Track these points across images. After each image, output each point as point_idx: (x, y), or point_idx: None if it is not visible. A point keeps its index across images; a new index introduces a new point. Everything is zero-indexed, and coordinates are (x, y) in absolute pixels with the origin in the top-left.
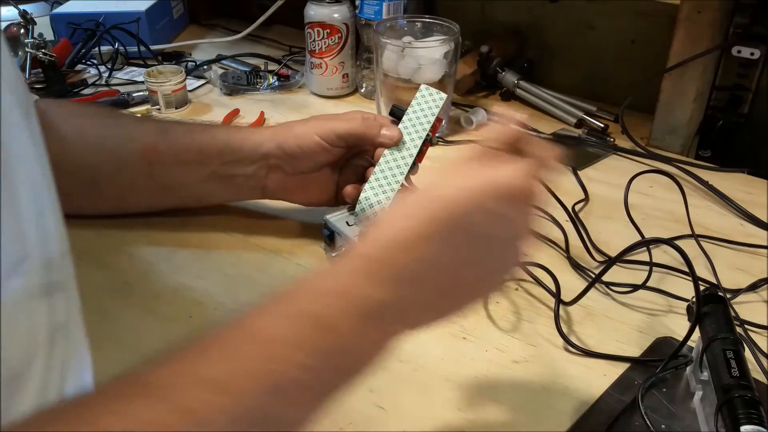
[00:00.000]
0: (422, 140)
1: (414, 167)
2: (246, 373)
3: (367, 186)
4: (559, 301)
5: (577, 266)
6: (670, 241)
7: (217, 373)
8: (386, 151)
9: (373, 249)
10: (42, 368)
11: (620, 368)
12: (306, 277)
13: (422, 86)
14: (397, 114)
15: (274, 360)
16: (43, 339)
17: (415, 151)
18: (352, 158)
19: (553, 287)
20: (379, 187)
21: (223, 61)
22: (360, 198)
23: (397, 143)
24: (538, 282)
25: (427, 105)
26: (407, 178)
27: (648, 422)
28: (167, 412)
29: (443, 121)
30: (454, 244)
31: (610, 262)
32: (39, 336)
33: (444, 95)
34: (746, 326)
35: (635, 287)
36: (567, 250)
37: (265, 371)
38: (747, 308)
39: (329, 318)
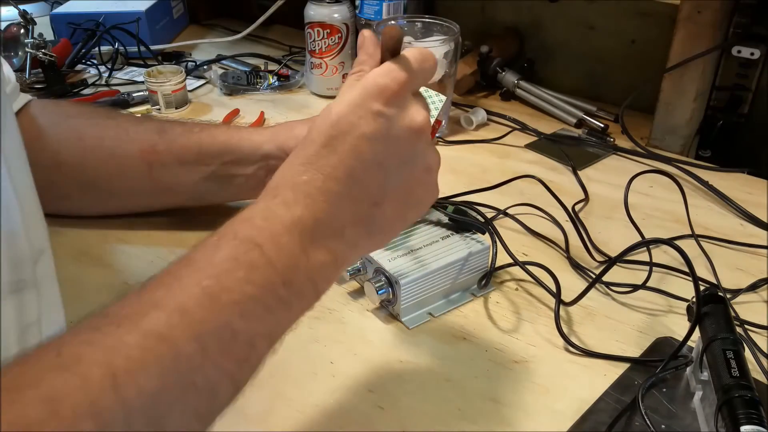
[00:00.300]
0: None
1: None
2: (202, 294)
3: None
4: (560, 301)
5: (577, 266)
6: (670, 241)
7: (174, 297)
8: None
9: (274, 178)
10: None
11: (620, 368)
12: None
13: (421, 88)
14: None
15: (226, 280)
16: (13, 337)
17: None
18: None
19: (553, 287)
20: None
21: (223, 61)
22: None
23: None
24: (538, 282)
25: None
26: None
27: (648, 422)
28: (136, 336)
29: (443, 123)
30: (353, 151)
31: (610, 262)
32: (9, 334)
33: (443, 97)
34: (746, 326)
35: (635, 287)
36: (567, 250)
37: (219, 291)
38: (747, 308)
39: (264, 239)
